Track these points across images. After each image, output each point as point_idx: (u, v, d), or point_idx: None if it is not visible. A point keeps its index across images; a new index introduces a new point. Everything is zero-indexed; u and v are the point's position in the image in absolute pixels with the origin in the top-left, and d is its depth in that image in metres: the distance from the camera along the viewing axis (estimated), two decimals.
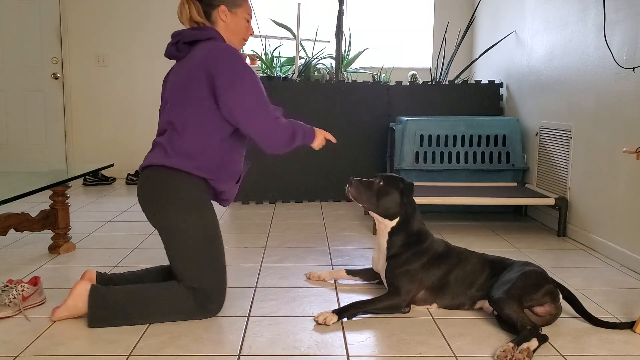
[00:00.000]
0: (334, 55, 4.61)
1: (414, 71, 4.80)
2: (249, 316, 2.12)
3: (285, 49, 5.03)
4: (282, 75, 4.54)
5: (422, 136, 3.89)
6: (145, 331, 1.97)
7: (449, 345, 1.90)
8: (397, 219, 2.25)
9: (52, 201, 2.92)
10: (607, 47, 2.93)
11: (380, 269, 2.31)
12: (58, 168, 3.74)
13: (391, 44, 5.56)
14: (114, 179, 5.34)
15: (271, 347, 1.87)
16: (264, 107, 2.06)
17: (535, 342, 1.80)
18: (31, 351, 1.82)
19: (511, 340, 1.82)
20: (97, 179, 5.17)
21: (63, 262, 2.79)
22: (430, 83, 4.51)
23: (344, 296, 2.34)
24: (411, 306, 2.18)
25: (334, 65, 4.66)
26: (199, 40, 2.12)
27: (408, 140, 3.88)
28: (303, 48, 4.92)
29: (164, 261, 2.46)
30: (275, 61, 4.93)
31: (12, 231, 2.72)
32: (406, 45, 5.59)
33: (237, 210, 4.09)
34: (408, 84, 4.54)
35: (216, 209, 2.20)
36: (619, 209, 2.89)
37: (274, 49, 4.94)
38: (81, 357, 1.78)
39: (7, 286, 2.14)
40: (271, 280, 2.53)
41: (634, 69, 2.73)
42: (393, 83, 4.49)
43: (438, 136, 3.90)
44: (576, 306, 2.09)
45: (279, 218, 3.84)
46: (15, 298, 2.10)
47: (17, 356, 1.78)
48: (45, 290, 2.29)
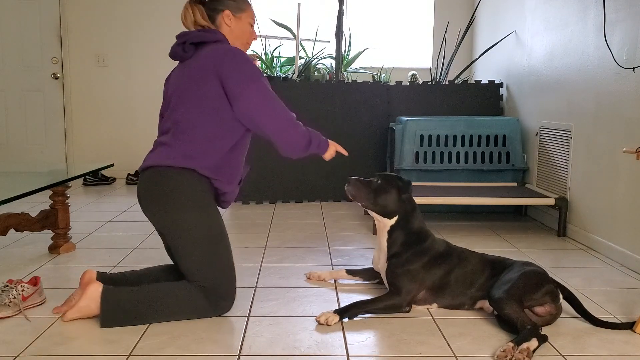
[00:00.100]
0: (334, 55, 4.61)
1: (414, 71, 4.80)
2: (249, 316, 2.12)
3: (285, 49, 5.03)
4: (282, 75, 4.54)
5: (422, 136, 3.89)
6: (145, 331, 1.97)
7: (449, 345, 1.90)
8: (396, 218, 2.25)
9: (52, 201, 2.92)
10: (607, 47, 2.93)
11: (380, 268, 2.31)
12: (58, 168, 3.74)
13: (391, 44, 5.56)
14: (114, 179, 5.34)
15: (271, 347, 1.87)
16: (281, 109, 2.10)
17: (535, 342, 1.80)
18: (31, 351, 1.82)
19: (511, 340, 1.82)
20: (97, 179, 5.17)
21: (63, 262, 2.80)
22: (430, 83, 4.50)
23: (344, 296, 2.34)
24: (412, 306, 2.19)
25: (334, 65, 4.66)
26: (205, 42, 2.13)
27: (408, 140, 3.88)
28: (303, 48, 4.92)
29: (163, 261, 2.47)
30: (275, 61, 4.94)
31: (12, 231, 2.72)
32: (406, 45, 5.59)
33: (237, 210, 4.09)
34: (408, 84, 4.54)
35: None
36: (619, 209, 2.89)
37: (274, 49, 4.95)
38: (81, 357, 1.78)
39: (7, 286, 2.14)
40: (271, 280, 2.53)
41: (634, 69, 2.74)
42: (393, 83, 4.49)
43: (438, 136, 3.90)
44: (576, 306, 2.09)
45: (279, 218, 3.84)
46: (15, 298, 2.11)
47: (17, 356, 1.79)
48: (45, 290, 2.29)
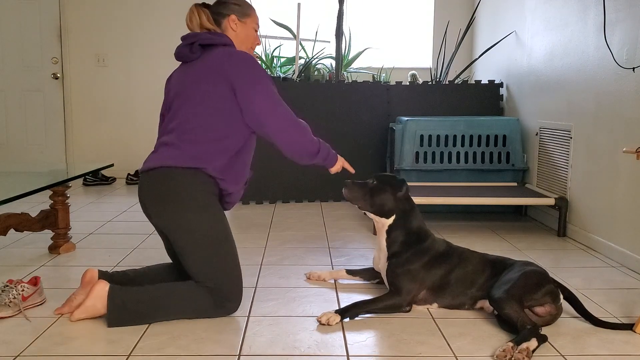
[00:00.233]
0: (334, 55, 4.61)
1: (414, 71, 4.80)
2: (249, 316, 2.12)
3: (285, 49, 5.03)
4: (282, 75, 4.54)
5: (422, 136, 3.89)
6: (145, 331, 1.97)
7: (449, 345, 1.90)
8: (394, 217, 2.26)
9: (52, 201, 2.92)
10: (607, 47, 2.93)
11: (380, 268, 2.31)
12: (58, 168, 3.74)
13: (391, 44, 5.56)
14: (114, 179, 5.34)
15: (271, 347, 1.87)
16: (288, 114, 2.12)
17: (534, 342, 1.80)
18: (31, 351, 1.82)
19: (511, 340, 1.82)
20: (97, 179, 5.17)
21: (63, 262, 2.80)
22: (430, 83, 4.50)
23: (344, 296, 2.34)
24: (412, 305, 2.19)
25: (334, 65, 4.66)
26: (213, 44, 2.15)
27: (408, 140, 3.88)
28: (303, 48, 4.92)
29: (163, 261, 2.46)
30: (275, 61, 4.94)
31: (12, 231, 2.72)
32: (406, 45, 5.59)
33: (237, 210, 4.09)
34: (408, 84, 4.54)
35: None
36: (619, 209, 2.89)
37: (274, 49, 4.95)
38: (81, 357, 1.78)
39: (7, 286, 2.14)
40: (271, 280, 2.53)
41: (634, 69, 2.74)
42: (393, 83, 4.48)
43: (438, 136, 3.90)
44: (577, 306, 2.09)
45: (279, 218, 3.84)
46: (15, 298, 2.10)
47: (17, 356, 1.79)
48: (45, 290, 2.29)
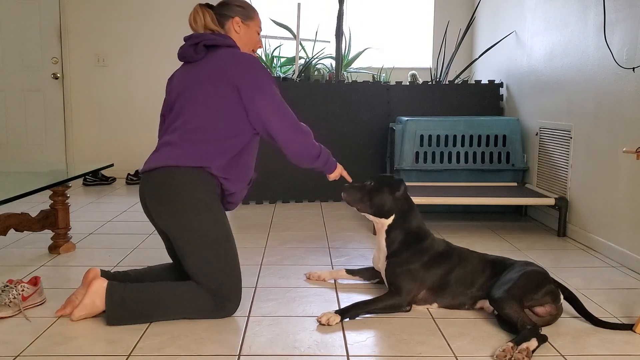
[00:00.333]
0: (334, 55, 4.61)
1: (414, 71, 4.80)
2: (249, 316, 2.12)
3: (285, 49, 5.03)
4: (282, 75, 4.54)
5: (422, 136, 3.89)
6: (145, 331, 1.97)
7: (449, 345, 1.90)
8: (393, 216, 2.26)
9: (52, 201, 2.92)
10: (607, 47, 2.93)
11: (380, 267, 2.31)
12: (58, 168, 3.74)
13: (391, 44, 5.56)
14: (114, 179, 5.34)
15: (271, 347, 1.87)
16: (291, 117, 2.14)
17: (534, 342, 1.80)
18: (31, 351, 1.82)
19: (511, 340, 1.82)
20: (97, 179, 5.17)
21: (63, 262, 2.79)
22: (430, 83, 4.50)
23: (344, 296, 2.34)
24: (412, 305, 2.19)
25: (334, 65, 4.66)
26: (217, 45, 2.15)
27: (408, 140, 3.88)
28: (303, 48, 4.92)
29: (163, 261, 2.46)
30: (275, 61, 4.94)
31: (12, 231, 2.72)
32: (406, 45, 5.59)
33: (237, 210, 4.09)
34: (408, 84, 4.54)
35: None
36: (619, 209, 2.89)
37: (274, 49, 4.95)
38: (81, 357, 1.78)
39: (7, 286, 2.14)
40: (271, 280, 2.53)
41: (634, 69, 2.74)
42: (393, 83, 4.48)
43: (438, 136, 3.90)
44: (577, 307, 2.09)
45: (279, 218, 3.84)
46: (15, 298, 2.11)
47: (17, 356, 1.79)
48: (45, 290, 2.29)
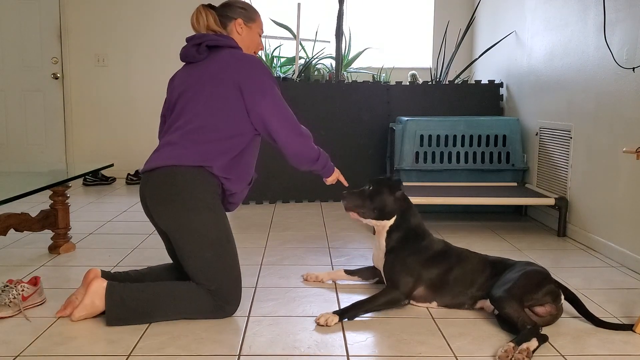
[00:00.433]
0: (334, 55, 4.61)
1: (414, 71, 4.80)
2: (249, 316, 2.12)
3: (285, 49, 5.03)
4: (282, 75, 4.54)
5: (422, 136, 3.89)
6: (145, 331, 1.97)
7: (449, 345, 1.90)
8: (395, 217, 2.28)
9: (52, 201, 2.92)
10: (607, 47, 2.93)
11: (380, 265, 2.32)
12: (58, 168, 3.74)
13: (391, 44, 5.56)
14: (114, 179, 5.34)
15: (271, 347, 1.87)
16: (292, 119, 2.15)
17: (535, 342, 1.80)
18: (31, 351, 1.82)
19: (511, 340, 1.82)
20: (97, 179, 5.17)
21: (63, 262, 2.79)
22: (430, 83, 4.50)
23: (344, 296, 2.34)
24: (410, 300, 2.20)
25: (334, 65, 4.65)
26: (220, 46, 2.16)
27: (408, 140, 3.88)
28: (303, 48, 4.92)
29: (163, 261, 2.46)
30: (275, 61, 4.94)
31: (12, 231, 2.72)
32: (406, 45, 5.59)
33: (237, 210, 4.09)
34: (408, 84, 4.53)
35: None
36: (619, 209, 2.89)
37: (274, 49, 4.95)
38: (81, 357, 1.78)
39: (7, 286, 2.14)
40: (271, 280, 2.53)
41: (634, 69, 2.73)
42: (393, 83, 4.48)
43: (438, 136, 3.90)
44: (579, 307, 2.09)
45: (279, 218, 3.84)
46: (15, 298, 2.10)
47: (17, 356, 1.79)
48: (45, 290, 2.29)
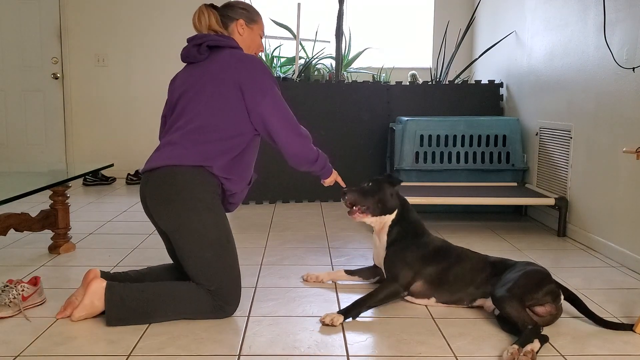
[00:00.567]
0: (334, 55, 4.61)
1: (414, 71, 4.80)
2: (249, 316, 2.12)
3: (285, 49, 5.03)
4: (282, 75, 4.54)
5: (422, 136, 3.89)
6: (145, 331, 1.97)
7: (449, 345, 1.90)
8: (396, 211, 2.32)
9: (52, 201, 2.92)
10: (607, 47, 2.93)
11: (381, 262, 2.34)
12: (58, 168, 3.74)
13: (391, 44, 5.56)
14: (114, 179, 5.34)
15: (271, 347, 1.87)
16: (293, 120, 2.16)
17: (537, 344, 1.80)
18: (31, 351, 1.82)
19: (515, 342, 1.81)
20: (97, 179, 5.17)
21: (63, 262, 2.79)
22: (430, 83, 4.50)
23: (344, 296, 2.34)
24: (410, 295, 2.23)
25: (334, 65, 4.65)
26: (221, 46, 2.16)
27: (408, 140, 3.88)
28: (303, 48, 4.92)
29: (163, 261, 2.46)
30: (275, 61, 4.94)
31: (12, 231, 2.72)
32: (406, 45, 5.59)
33: (237, 210, 4.09)
34: (408, 84, 4.53)
35: None
36: (619, 209, 2.89)
37: (274, 49, 4.95)
38: (81, 357, 1.78)
39: (7, 286, 2.14)
40: (271, 280, 2.53)
41: (634, 69, 2.73)
42: (393, 83, 4.48)
43: (438, 136, 3.90)
44: (579, 307, 2.09)
45: (279, 218, 3.84)
46: (15, 298, 2.10)
47: (17, 356, 1.79)
48: (45, 290, 2.29)
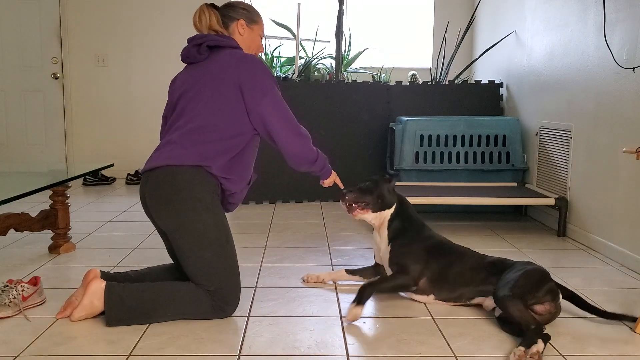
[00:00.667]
0: (334, 55, 4.61)
1: (414, 71, 4.80)
2: (249, 316, 2.12)
3: (285, 49, 5.03)
4: (282, 75, 4.54)
5: (422, 136, 3.89)
6: (145, 331, 1.97)
7: (449, 345, 1.90)
8: (395, 206, 2.36)
9: (52, 201, 2.92)
10: (607, 47, 2.93)
11: (383, 257, 2.35)
12: (58, 168, 3.74)
13: (391, 44, 5.56)
14: (114, 179, 5.34)
15: (271, 347, 1.87)
16: (292, 120, 2.16)
17: (541, 344, 1.79)
18: (31, 351, 1.82)
19: (520, 344, 1.79)
20: (97, 179, 5.17)
21: (63, 262, 2.79)
22: (430, 83, 4.50)
23: (344, 296, 2.34)
24: (416, 287, 2.24)
25: (334, 65, 4.65)
26: (221, 46, 2.16)
27: (408, 140, 3.88)
28: (303, 48, 4.92)
29: (163, 261, 2.46)
30: (275, 61, 4.93)
31: (12, 231, 2.72)
32: (406, 45, 5.59)
33: (237, 210, 4.09)
34: (408, 84, 4.54)
35: None
36: (619, 209, 2.89)
37: (274, 49, 4.95)
38: (81, 357, 1.78)
39: (7, 286, 2.14)
40: (271, 280, 2.53)
41: (634, 69, 2.73)
42: (393, 83, 4.48)
43: (438, 136, 3.90)
44: (579, 303, 2.09)
45: (279, 218, 3.84)
46: (15, 298, 2.10)
47: (17, 356, 1.79)
48: (45, 290, 2.29)
